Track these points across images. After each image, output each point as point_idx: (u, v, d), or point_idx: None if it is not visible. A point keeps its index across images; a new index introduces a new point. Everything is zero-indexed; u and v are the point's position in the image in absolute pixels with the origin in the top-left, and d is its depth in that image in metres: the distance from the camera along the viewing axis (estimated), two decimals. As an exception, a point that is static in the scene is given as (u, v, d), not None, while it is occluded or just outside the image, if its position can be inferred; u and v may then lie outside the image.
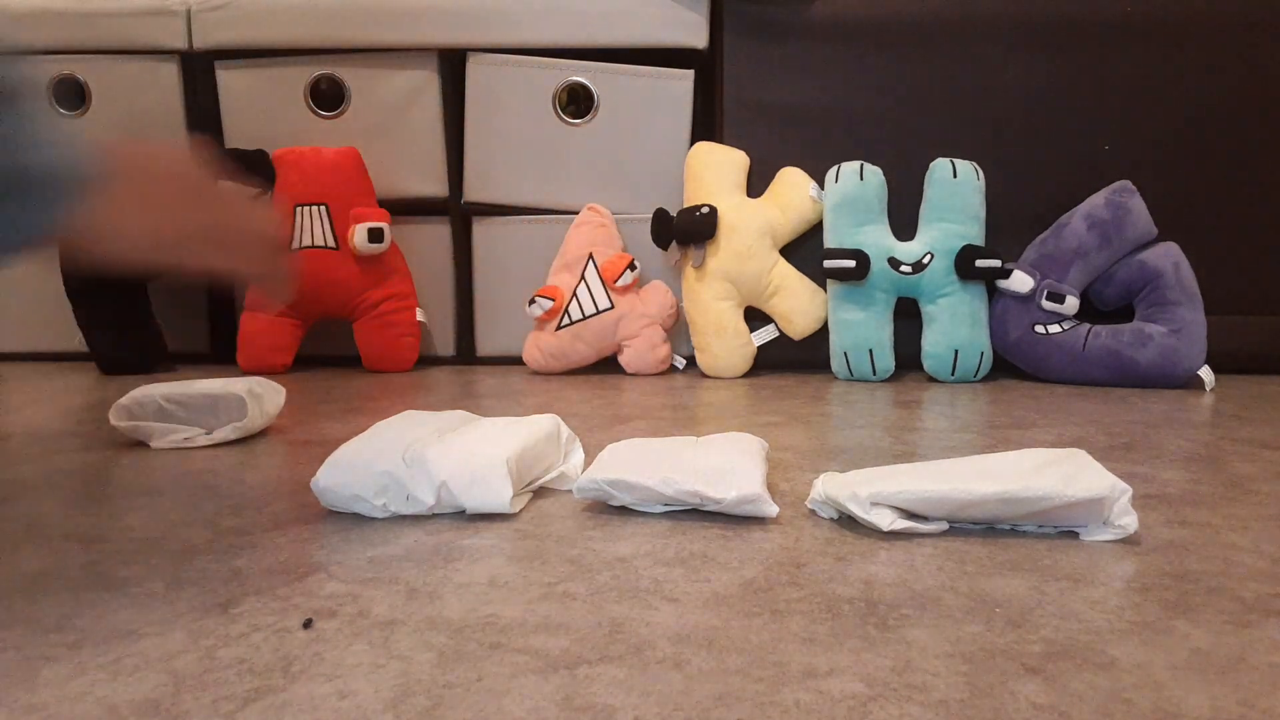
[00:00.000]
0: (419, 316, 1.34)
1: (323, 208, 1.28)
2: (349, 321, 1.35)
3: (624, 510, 0.61)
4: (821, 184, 1.27)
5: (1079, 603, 0.45)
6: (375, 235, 1.27)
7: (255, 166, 1.34)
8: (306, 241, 1.29)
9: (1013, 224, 1.26)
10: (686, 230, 1.25)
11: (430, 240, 1.40)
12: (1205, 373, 1.17)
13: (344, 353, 1.43)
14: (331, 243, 1.28)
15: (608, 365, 1.35)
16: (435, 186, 1.39)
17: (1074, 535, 0.56)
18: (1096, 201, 1.21)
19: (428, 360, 1.43)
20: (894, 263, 1.21)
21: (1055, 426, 0.91)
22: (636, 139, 1.35)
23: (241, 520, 0.60)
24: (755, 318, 1.30)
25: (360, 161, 1.32)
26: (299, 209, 1.28)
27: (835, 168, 1.25)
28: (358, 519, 0.60)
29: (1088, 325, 1.21)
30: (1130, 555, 0.52)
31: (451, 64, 1.36)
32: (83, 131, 0.64)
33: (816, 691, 0.36)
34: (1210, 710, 0.35)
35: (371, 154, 1.36)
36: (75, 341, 1.40)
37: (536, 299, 1.29)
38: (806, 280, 1.27)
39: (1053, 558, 0.52)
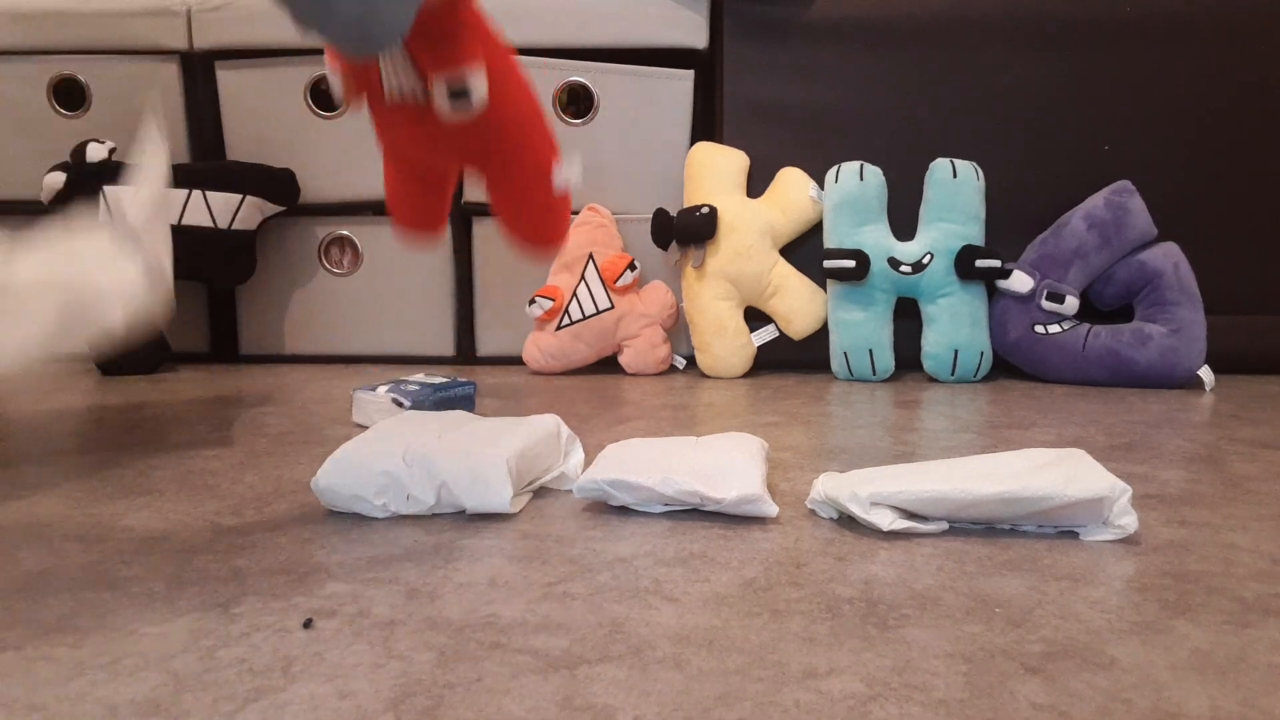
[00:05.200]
0: (562, 177, 0.90)
1: (404, 54, 0.84)
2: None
3: (624, 510, 0.61)
4: (821, 184, 1.27)
5: (1079, 603, 0.45)
6: (458, 93, 0.82)
7: (277, 185, 1.35)
8: (395, 91, 0.85)
9: (1013, 224, 1.26)
10: (686, 230, 1.25)
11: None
12: (1205, 373, 1.17)
13: (347, 350, 1.43)
14: (419, 92, 0.85)
15: (608, 365, 1.35)
16: (435, 186, 1.39)
17: (1074, 535, 0.56)
18: (1096, 201, 1.21)
19: (429, 360, 1.43)
20: (894, 263, 1.21)
21: (1055, 426, 0.91)
22: (636, 139, 1.35)
23: (242, 520, 0.60)
24: (755, 318, 1.30)
25: None
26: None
27: (835, 168, 1.25)
28: (358, 519, 0.60)
29: (1087, 325, 1.21)
30: (1130, 555, 0.52)
31: (451, 64, 1.36)
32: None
33: (816, 691, 0.36)
34: (1210, 710, 0.35)
35: (371, 155, 1.36)
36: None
37: (536, 299, 1.29)
38: (806, 280, 1.27)
39: (1052, 558, 0.52)
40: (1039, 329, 1.21)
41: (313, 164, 1.38)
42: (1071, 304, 1.19)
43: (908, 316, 1.24)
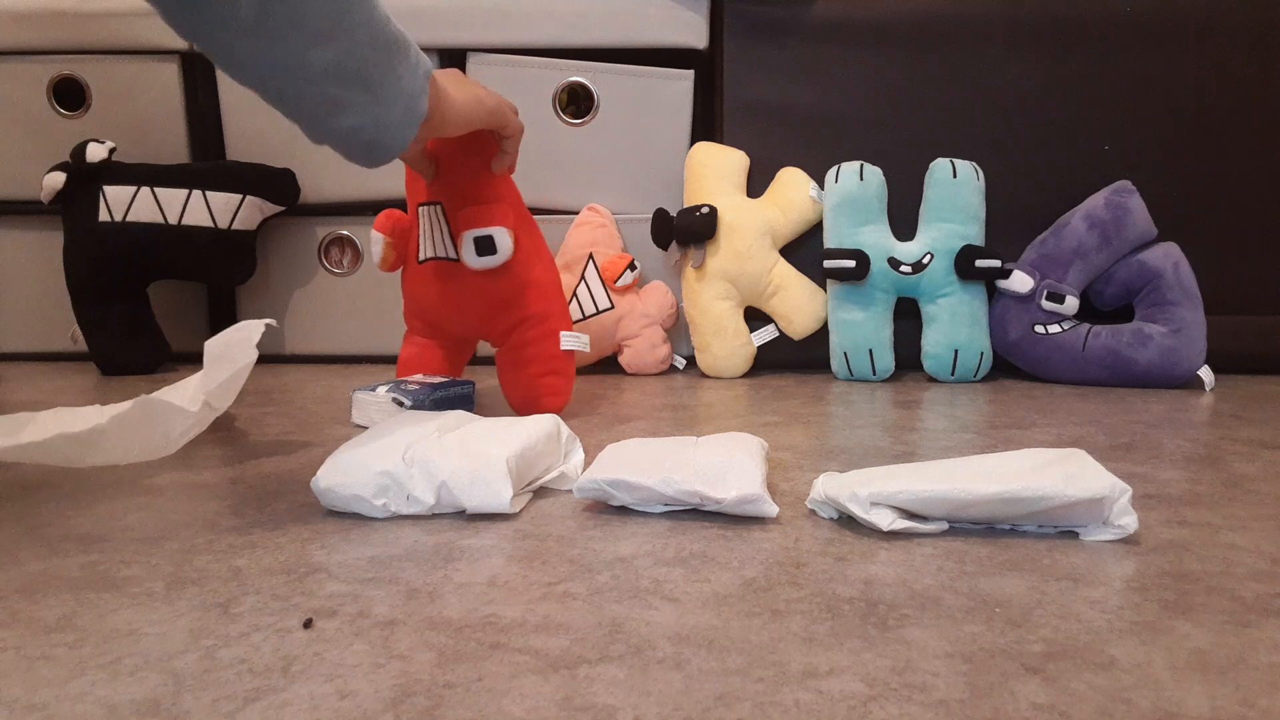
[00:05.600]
0: (568, 344, 0.95)
1: (437, 207, 0.93)
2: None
3: (624, 510, 0.61)
4: (821, 184, 1.27)
5: (1079, 602, 0.45)
6: (484, 246, 0.90)
7: (277, 185, 1.35)
8: (428, 251, 0.95)
9: (1013, 224, 1.26)
10: (686, 230, 1.25)
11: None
12: (1205, 373, 1.17)
13: (347, 350, 1.43)
14: (450, 253, 0.93)
15: (608, 365, 1.35)
16: (435, 186, 1.39)
17: (1074, 535, 0.56)
18: (1096, 201, 1.21)
19: (428, 360, 1.43)
20: (894, 263, 1.21)
21: (1055, 426, 0.91)
22: (636, 139, 1.35)
23: (241, 520, 0.60)
24: (755, 318, 1.30)
25: (491, 144, 0.90)
26: (421, 209, 0.95)
27: (835, 168, 1.25)
28: (358, 519, 0.60)
29: (1087, 325, 1.21)
30: (1130, 555, 0.52)
31: (452, 64, 1.36)
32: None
33: (816, 691, 0.36)
34: (1210, 710, 0.35)
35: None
36: (70, 340, 1.40)
37: (536, 299, 1.29)
38: (806, 280, 1.27)
39: (1053, 558, 0.52)
40: (1039, 329, 1.21)
41: (313, 164, 1.38)
42: (1071, 304, 1.19)
43: (908, 316, 1.24)
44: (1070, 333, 1.20)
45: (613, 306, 1.29)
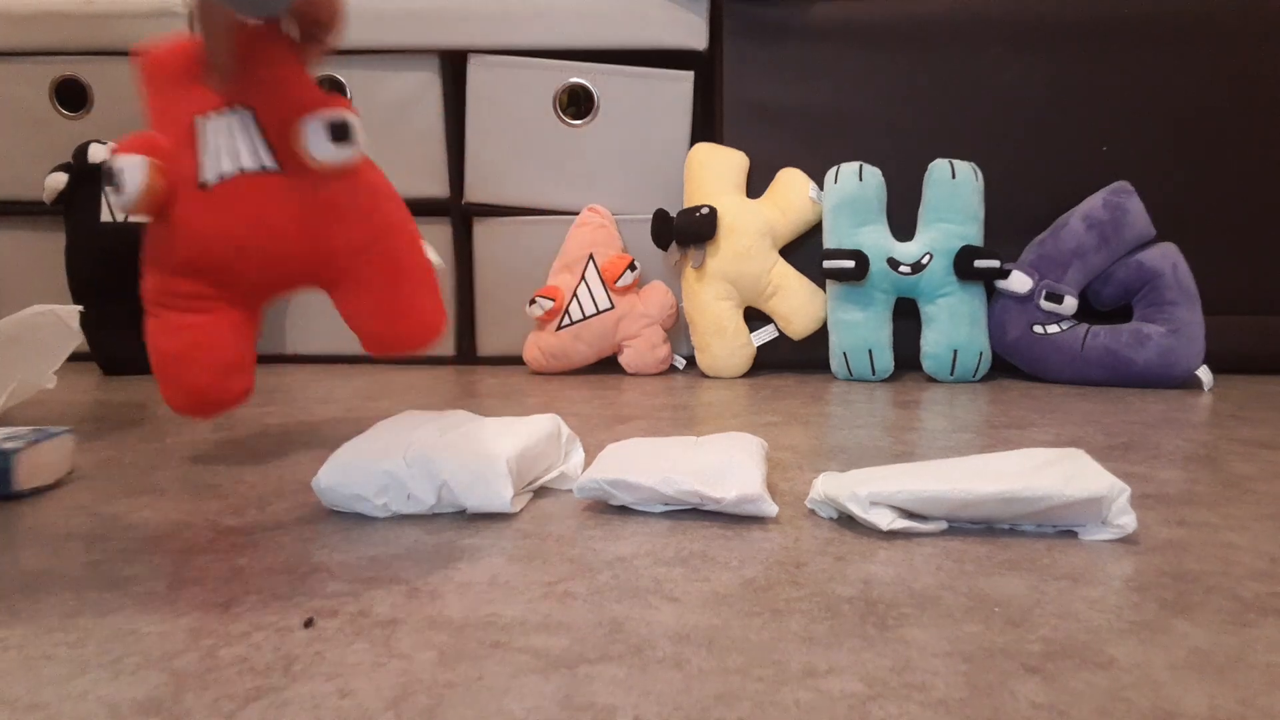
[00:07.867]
0: (431, 255, 0.80)
1: (244, 114, 0.73)
2: (322, 290, 0.79)
3: (624, 510, 0.61)
4: (821, 184, 1.27)
5: (1078, 602, 0.45)
6: (340, 131, 0.72)
7: None
8: (226, 167, 0.72)
9: (1012, 224, 1.26)
10: (686, 230, 1.25)
11: (431, 240, 1.40)
12: (1203, 373, 1.17)
13: (347, 351, 1.43)
14: (267, 162, 0.73)
15: (608, 365, 1.35)
16: (436, 187, 1.39)
17: (1073, 535, 0.56)
18: (1095, 202, 1.21)
19: (428, 360, 1.43)
20: (893, 263, 1.21)
21: (1054, 426, 0.91)
22: (636, 139, 1.35)
23: (243, 519, 0.60)
24: (755, 318, 1.30)
25: (290, 41, 0.75)
26: (206, 123, 0.72)
27: (835, 168, 1.25)
28: (359, 518, 0.60)
29: (1086, 325, 1.21)
30: (1129, 555, 0.52)
31: (452, 65, 1.36)
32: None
33: (816, 691, 0.36)
34: (1208, 709, 0.35)
35: (372, 155, 1.36)
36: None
37: (537, 299, 1.29)
38: (806, 280, 1.27)
39: (1051, 557, 0.52)
40: (1038, 329, 1.21)
41: (313, 164, 1.38)
42: (1070, 304, 1.19)
43: (907, 316, 1.25)
44: (1069, 333, 1.21)
45: (613, 306, 1.29)
